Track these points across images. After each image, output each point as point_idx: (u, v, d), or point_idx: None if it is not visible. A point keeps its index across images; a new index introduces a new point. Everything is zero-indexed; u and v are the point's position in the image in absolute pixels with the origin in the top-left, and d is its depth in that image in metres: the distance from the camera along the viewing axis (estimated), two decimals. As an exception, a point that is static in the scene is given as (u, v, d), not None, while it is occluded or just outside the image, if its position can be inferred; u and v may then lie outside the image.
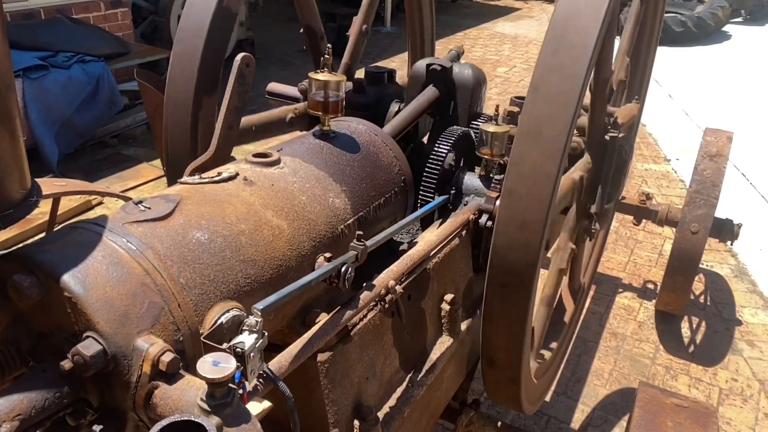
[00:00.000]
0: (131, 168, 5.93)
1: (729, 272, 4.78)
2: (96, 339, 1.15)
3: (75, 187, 2.26)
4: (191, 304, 1.29)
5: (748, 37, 12.59)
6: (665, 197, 5.83)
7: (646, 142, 7.17)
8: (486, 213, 2.14)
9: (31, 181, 1.27)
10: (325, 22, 2.99)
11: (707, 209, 3.54)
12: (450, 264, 2.11)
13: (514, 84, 9.13)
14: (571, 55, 1.62)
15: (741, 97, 8.87)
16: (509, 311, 1.78)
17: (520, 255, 1.69)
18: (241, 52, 1.91)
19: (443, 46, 10.85)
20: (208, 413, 1.04)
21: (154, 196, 1.49)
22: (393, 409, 1.82)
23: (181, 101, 2.20)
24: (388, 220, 2.07)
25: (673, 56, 10.76)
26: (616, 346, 3.94)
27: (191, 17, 2.20)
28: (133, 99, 6.67)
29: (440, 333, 2.12)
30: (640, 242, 5.17)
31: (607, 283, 4.60)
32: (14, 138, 1.16)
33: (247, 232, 1.50)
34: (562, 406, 3.45)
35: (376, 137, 2.14)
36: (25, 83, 5.31)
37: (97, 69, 5.95)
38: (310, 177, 1.79)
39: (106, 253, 1.24)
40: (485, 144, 2.26)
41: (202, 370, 1.03)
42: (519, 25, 13.40)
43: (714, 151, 3.70)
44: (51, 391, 1.15)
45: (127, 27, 7.41)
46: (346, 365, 1.64)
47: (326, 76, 1.95)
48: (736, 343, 4.02)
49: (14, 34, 5.73)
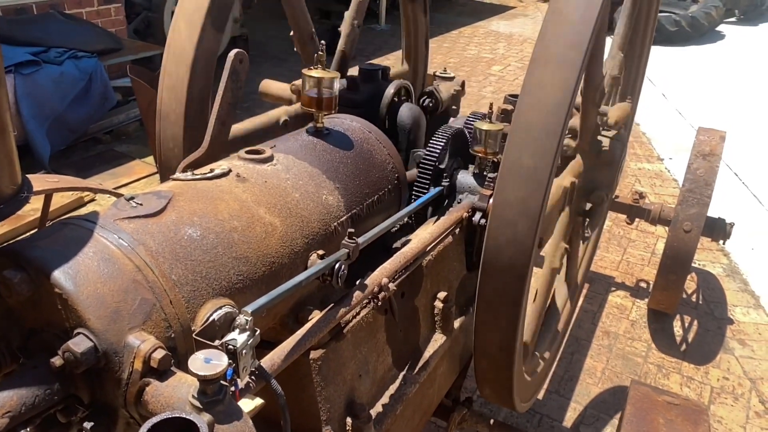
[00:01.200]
0: (124, 165, 5.90)
1: (721, 271, 4.80)
2: (87, 336, 1.14)
3: (67, 183, 2.23)
4: (183, 301, 1.29)
5: (742, 37, 12.64)
6: (658, 196, 5.85)
7: (640, 141, 7.19)
8: (479, 211, 2.14)
9: (22, 177, 1.27)
10: (319, 19, 2.96)
11: (700, 208, 3.56)
12: (443, 262, 2.11)
13: (509, 82, 9.14)
14: (564, 53, 1.62)
15: (734, 96, 8.91)
16: (502, 309, 1.79)
17: (514, 253, 1.69)
18: (234, 49, 1.91)
19: (438, 44, 10.86)
20: (199, 410, 1.03)
21: (145, 193, 1.48)
22: (386, 406, 1.82)
23: (174, 97, 2.19)
24: (381, 218, 2.06)
25: (666, 55, 10.80)
26: (609, 345, 3.96)
27: (184, 13, 2.19)
28: (126, 95, 6.64)
29: (433, 331, 2.12)
30: (633, 241, 5.19)
31: (600, 282, 4.61)
32: (4, 133, 1.15)
33: (239, 229, 1.49)
34: (554, 405, 3.46)
35: (370, 134, 2.14)
36: (16, 79, 5.26)
37: (89, 65, 5.91)
38: (303, 174, 1.79)
39: (97, 249, 1.24)
40: (479, 142, 2.26)
41: (194, 367, 1.02)
42: (514, 24, 13.41)
43: (707, 151, 3.71)
44: (41, 387, 1.14)
45: (120, 23, 7.36)
46: (339, 363, 1.64)
47: (320, 73, 1.94)
48: (728, 341, 4.04)
49: (6, 29, 5.69)
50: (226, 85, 1.90)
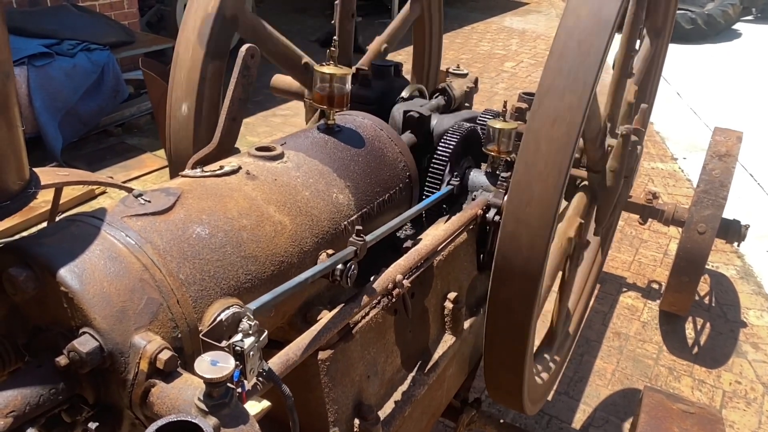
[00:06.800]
0: (135, 158, 5.91)
1: (734, 273, 4.74)
2: (92, 335, 1.12)
3: (77, 177, 2.23)
4: (190, 301, 1.27)
5: (759, 36, 12.49)
6: (671, 196, 5.78)
7: (653, 141, 7.11)
8: (494, 207, 2.11)
9: (30, 171, 1.25)
10: (331, 14, 2.93)
11: (715, 210, 3.50)
12: (454, 261, 2.08)
13: (522, 79, 9.07)
14: (579, 60, 1.58)
15: (749, 96, 8.80)
16: (514, 309, 1.76)
17: (528, 251, 1.66)
18: (246, 44, 1.89)
19: (450, 40, 10.80)
20: (205, 413, 1.02)
21: (154, 190, 1.46)
22: (394, 408, 1.80)
23: (185, 92, 2.18)
24: (392, 216, 2.04)
25: (682, 54, 10.68)
26: (619, 346, 3.92)
27: (196, 6, 2.17)
28: (138, 88, 6.65)
29: (443, 331, 2.09)
30: (645, 241, 5.13)
31: (612, 282, 4.57)
32: (12, 127, 1.13)
33: (248, 227, 1.47)
34: (563, 406, 3.43)
35: (382, 132, 2.11)
36: (30, 71, 5.28)
37: (102, 57, 5.92)
38: (313, 172, 1.76)
39: (104, 247, 1.22)
40: (492, 140, 2.23)
41: (200, 370, 1.00)
42: (527, 20, 13.31)
43: (723, 151, 3.65)
44: (46, 387, 1.13)
45: (133, 15, 7.37)
46: (347, 363, 1.62)
47: (332, 69, 1.92)
48: (741, 345, 3.98)
49: (20, 21, 5.70)
50: (237, 81, 1.88)
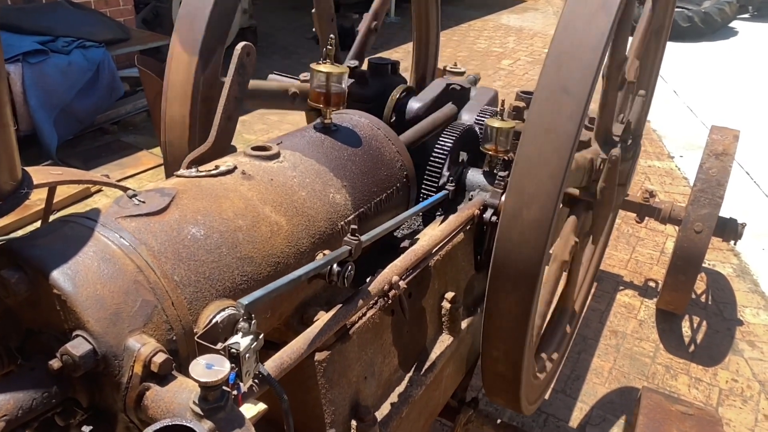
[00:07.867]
0: (131, 155, 5.88)
1: (731, 272, 4.74)
2: (86, 338, 1.11)
3: (71, 176, 2.21)
4: (185, 303, 1.26)
5: (756, 34, 12.48)
6: (668, 194, 5.78)
7: (650, 139, 7.11)
8: (491, 208, 2.10)
9: (23, 171, 1.23)
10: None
11: (712, 209, 3.50)
12: (451, 261, 2.07)
13: (519, 77, 9.05)
14: (581, 44, 1.57)
15: (746, 94, 8.80)
16: (512, 309, 1.75)
17: (525, 251, 1.65)
18: (243, 41, 1.87)
19: (447, 37, 10.77)
20: (200, 417, 1.00)
21: (148, 190, 1.45)
22: (391, 408, 1.79)
23: (180, 91, 2.16)
24: (389, 216, 2.02)
25: (678, 52, 10.68)
26: (616, 345, 3.91)
27: (192, 3, 2.15)
28: (134, 86, 6.62)
29: (440, 331, 2.08)
30: (642, 239, 5.13)
31: (608, 281, 4.56)
32: (4, 126, 1.12)
33: (244, 228, 1.46)
34: (560, 404, 3.43)
35: (379, 131, 2.09)
36: (24, 68, 5.24)
37: (97, 55, 5.89)
38: (310, 172, 1.75)
39: (97, 248, 1.20)
40: (490, 140, 2.22)
41: (195, 373, 0.99)
42: (524, 18, 13.29)
43: (720, 150, 3.65)
44: (39, 390, 1.11)
45: (128, 12, 7.34)
46: (344, 365, 1.61)
47: (328, 68, 1.90)
48: (737, 343, 3.99)
49: (14, 18, 5.67)
50: (232, 79, 1.86)
